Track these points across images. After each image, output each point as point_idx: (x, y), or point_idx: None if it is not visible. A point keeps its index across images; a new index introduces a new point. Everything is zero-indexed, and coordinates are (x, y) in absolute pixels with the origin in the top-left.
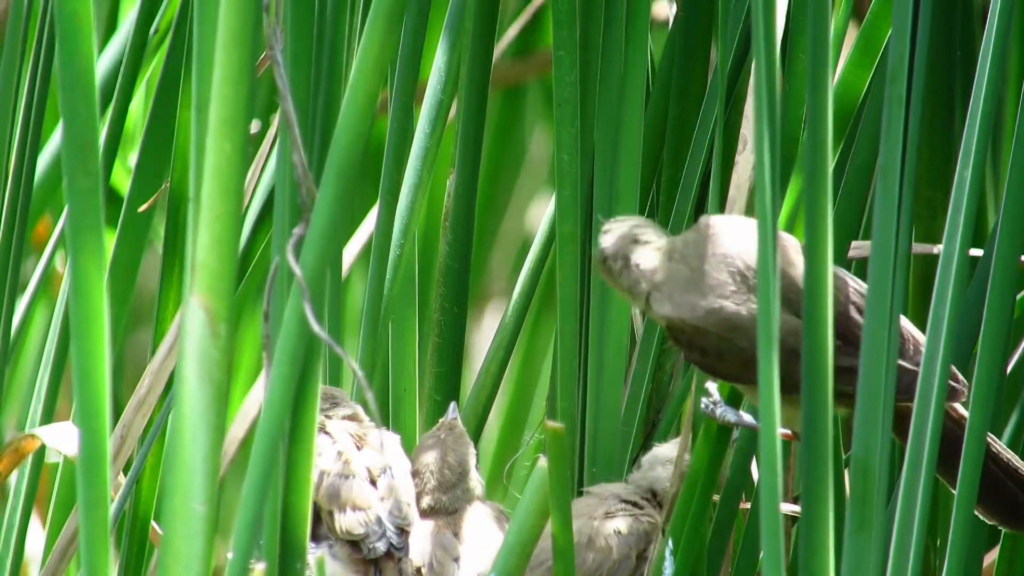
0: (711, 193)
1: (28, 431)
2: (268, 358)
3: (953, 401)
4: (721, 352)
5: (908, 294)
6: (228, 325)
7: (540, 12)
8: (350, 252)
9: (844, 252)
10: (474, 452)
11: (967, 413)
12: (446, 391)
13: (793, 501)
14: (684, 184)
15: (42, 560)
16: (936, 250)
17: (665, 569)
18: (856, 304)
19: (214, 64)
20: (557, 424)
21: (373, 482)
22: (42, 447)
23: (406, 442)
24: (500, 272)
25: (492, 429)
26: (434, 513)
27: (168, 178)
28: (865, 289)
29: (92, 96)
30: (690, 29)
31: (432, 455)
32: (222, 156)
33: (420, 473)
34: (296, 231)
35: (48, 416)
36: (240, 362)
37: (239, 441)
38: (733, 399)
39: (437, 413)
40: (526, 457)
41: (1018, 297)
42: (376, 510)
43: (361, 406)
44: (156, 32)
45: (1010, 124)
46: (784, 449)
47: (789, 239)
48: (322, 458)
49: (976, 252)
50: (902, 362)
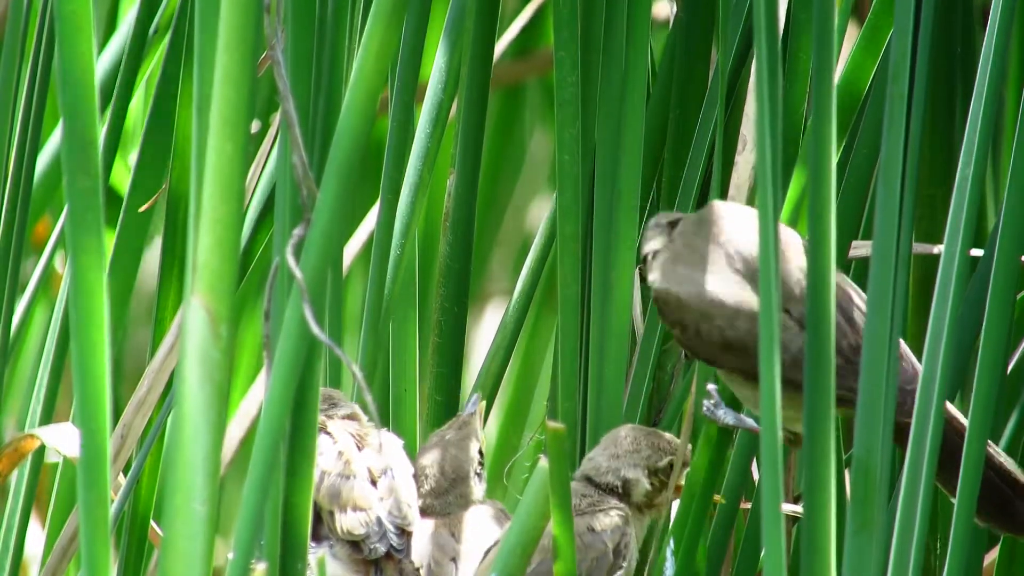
0: (711, 193)
1: (28, 431)
2: (268, 358)
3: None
4: (700, 331)
5: (908, 294)
6: (229, 326)
7: (540, 12)
8: (350, 251)
9: (845, 251)
10: (477, 454)
11: (957, 414)
12: (446, 391)
13: (794, 501)
14: (685, 184)
15: (42, 560)
16: (937, 250)
17: (666, 569)
18: (844, 311)
19: (215, 64)
20: (557, 424)
21: (374, 482)
22: (42, 447)
23: (406, 442)
24: (500, 272)
25: (492, 429)
26: (427, 515)
27: (168, 178)
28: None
29: (92, 95)
30: (691, 29)
31: (431, 458)
32: (223, 156)
33: (417, 475)
34: (297, 232)
35: (48, 416)
36: (240, 361)
37: (239, 441)
38: (734, 401)
39: (437, 413)
40: (526, 457)
41: (1019, 297)
42: (377, 511)
43: (360, 407)
44: (156, 31)
45: (1011, 123)
46: (784, 449)
47: (788, 234)
48: (323, 458)
49: (977, 252)
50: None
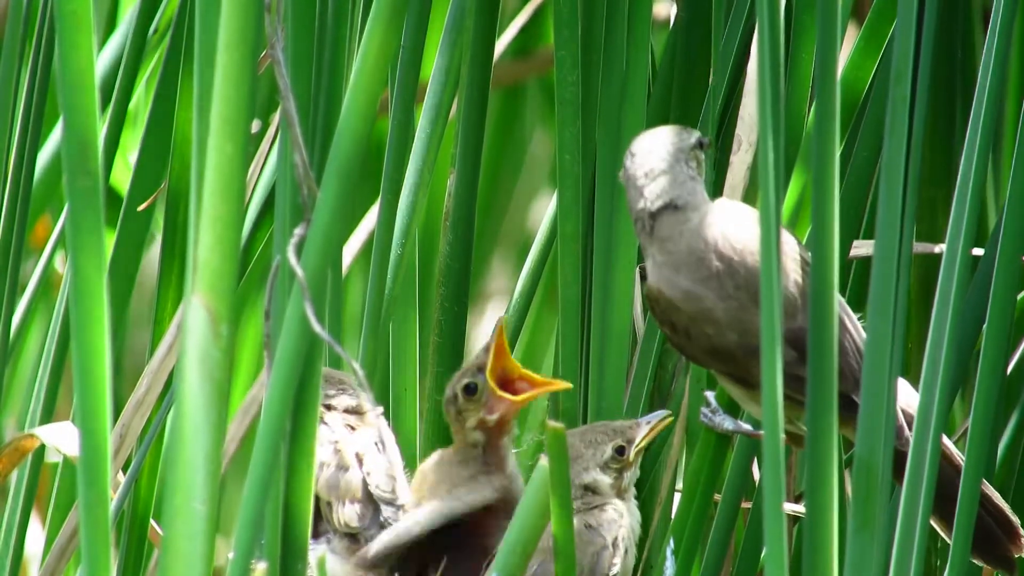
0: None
1: (28, 430)
2: (269, 356)
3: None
4: (689, 334)
5: (910, 293)
6: (229, 325)
7: (540, 11)
8: (350, 251)
9: (846, 252)
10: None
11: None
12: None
13: (795, 500)
14: None
15: (42, 559)
16: (938, 249)
17: (666, 569)
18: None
19: (215, 63)
20: (557, 424)
21: (361, 462)
22: (42, 446)
23: (406, 441)
24: (500, 272)
25: None
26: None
27: (168, 177)
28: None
29: (91, 95)
30: (691, 29)
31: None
32: (223, 156)
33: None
34: (297, 231)
35: (48, 415)
36: (240, 360)
37: (239, 440)
38: (732, 407)
39: (437, 413)
40: (526, 457)
41: (1019, 297)
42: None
43: (366, 394)
44: (156, 31)
45: (1012, 123)
46: (786, 449)
47: (788, 246)
48: (321, 449)
49: (978, 252)
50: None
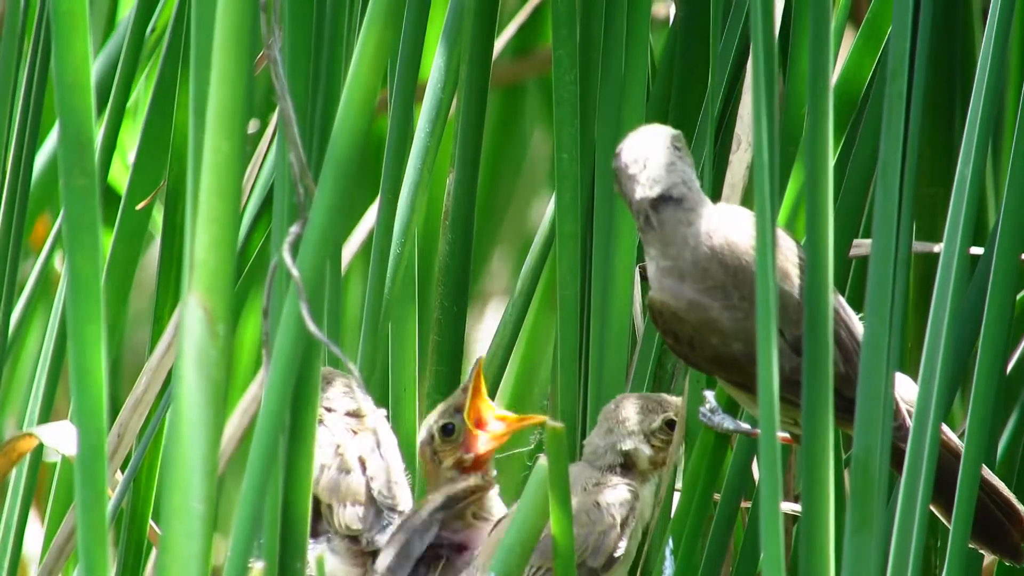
0: (706, 192)
1: (26, 430)
2: (267, 355)
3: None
4: (693, 344)
5: (908, 293)
6: (227, 324)
7: (539, 11)
8: (349, 250)
9: (844, 251)
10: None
11: (952, 436)
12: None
13: (793, 500)
14: None
15: (40, 558)
16: (936, 248)
17: (665, 569)
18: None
19: (212, 64)
20: (557, 424)
21: (364, 466)
22: (40, 446)
23: (406, 442)
24: (500, 272)
25: None
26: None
27: (165, 177)
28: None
29: (88, 95)
30: (690, 29)
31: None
32: (220, 155)
33: None
34: (293, 230)
35: (46, 415)
36: (238, 359)
37: (237, 439)
38: (731, 407)
39: None
40: (526, 457)
41: (1019, 296)
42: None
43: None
44: (153, 31)
45: (1010, 122)
46: (784, 449)
47: (788, 250)
48: (321, 451)
49: (977, 250)
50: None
